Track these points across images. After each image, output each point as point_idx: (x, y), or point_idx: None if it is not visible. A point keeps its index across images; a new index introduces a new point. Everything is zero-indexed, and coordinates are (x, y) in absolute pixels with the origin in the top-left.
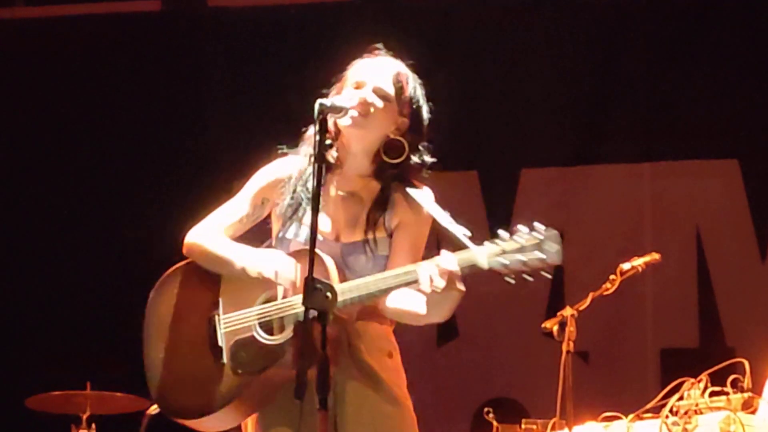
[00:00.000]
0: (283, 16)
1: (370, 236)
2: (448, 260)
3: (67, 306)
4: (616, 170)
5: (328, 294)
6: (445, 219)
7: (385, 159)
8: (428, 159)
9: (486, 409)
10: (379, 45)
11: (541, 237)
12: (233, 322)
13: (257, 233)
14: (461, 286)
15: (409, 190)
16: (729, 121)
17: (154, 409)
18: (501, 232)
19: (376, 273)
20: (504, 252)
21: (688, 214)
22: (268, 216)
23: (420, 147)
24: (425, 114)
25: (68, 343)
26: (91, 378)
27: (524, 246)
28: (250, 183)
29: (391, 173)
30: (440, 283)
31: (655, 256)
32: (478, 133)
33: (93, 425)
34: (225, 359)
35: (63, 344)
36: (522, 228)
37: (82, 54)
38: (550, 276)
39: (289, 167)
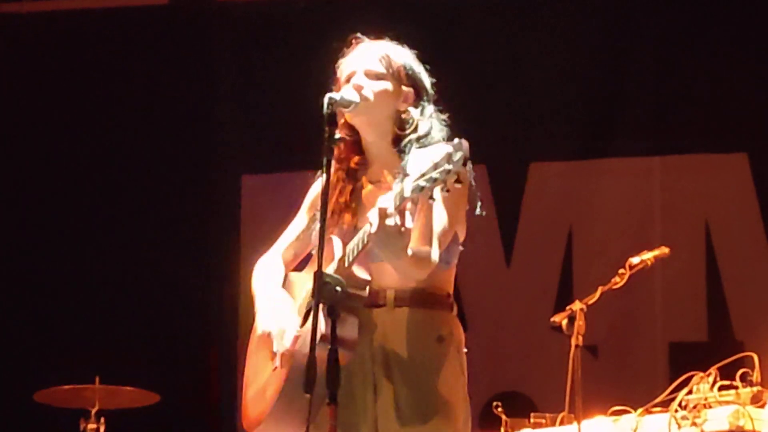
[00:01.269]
0: (291, 10)
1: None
2: (383, 200)
3: (76, 300)
4: (625, 164)
5: (338, 288)
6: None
7: (399, 133)
8: (441, 118)
9: (495, 403)
10: (358, 34)
11: (450, 149)
12: None
13: None
14: (402, 223)
15: (412, 152)
16: (738, 115)
17: None
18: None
19: None
20: (422, 175)
21: (697, 208)
22: None
23: (429, 110)
24: (425, 77)
25: (77, 337)
26: (100, 372)
27: (437, 162)
28: (303, 203)
29: (409, 144)
30: (375, 222)
31: (665, 250)
32: (487, 127)
33: (102, 419)
34: (278, 362)
35: (72, 338)
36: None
37: (90, 48)
38: (459, 186)
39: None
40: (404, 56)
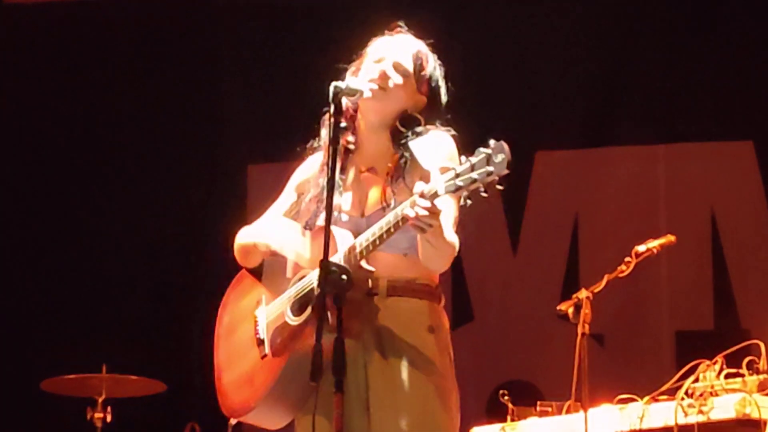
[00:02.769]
0: (296, 1)
1: (391, 201)
2: (420, 197)
3: (83, 289)
4: (631, 152)
5: (344, 276)
6: (427, 158)
7: (401, 129)
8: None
9: (501, 392)
10: (401, 23)
11: (489, 151)
12: (272, 312)
13: None
14: (434, 221)
15: (411, 144)
16: (744, 102)
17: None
18: (462, 158)
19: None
20: (458, 175)
21: (702, 196)
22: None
23: (436, 124)
24: (443, 94)
25: (84, 325)
26: (106, 361)
27: (474, 163)
28: (289, 181)
29: (405, 138)
30: (411, 215)
31: (670, 238)
32: (493, 115)
33: (108, 408)
34: (267, 350)
35: (78, 327)
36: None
37: (96, 39)
38: (501, 188)
39: (319, 161)
40: (435, 67)
